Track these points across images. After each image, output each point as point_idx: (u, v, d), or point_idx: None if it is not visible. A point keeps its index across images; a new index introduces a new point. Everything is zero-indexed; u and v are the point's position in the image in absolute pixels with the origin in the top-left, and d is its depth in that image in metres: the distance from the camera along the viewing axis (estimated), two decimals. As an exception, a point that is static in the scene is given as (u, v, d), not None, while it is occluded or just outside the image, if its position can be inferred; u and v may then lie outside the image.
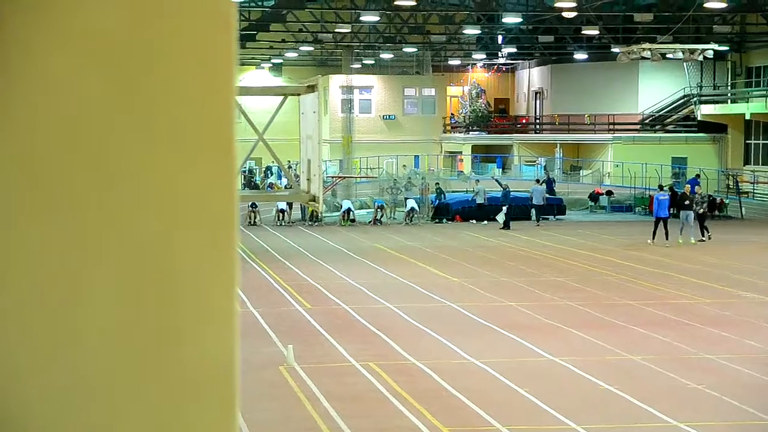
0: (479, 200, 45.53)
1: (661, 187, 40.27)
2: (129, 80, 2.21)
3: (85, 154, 2.21)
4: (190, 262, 2.29)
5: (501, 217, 42.30)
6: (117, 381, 2.29)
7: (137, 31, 2.21)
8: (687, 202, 36.82)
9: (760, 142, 61.10)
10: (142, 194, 2.25)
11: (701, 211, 37.73)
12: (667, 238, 35.71)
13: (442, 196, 46.95)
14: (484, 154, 70.23)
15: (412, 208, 44.25)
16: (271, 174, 61.45)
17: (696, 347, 19.78)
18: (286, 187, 39.07)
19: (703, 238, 37.20)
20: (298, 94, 12.23)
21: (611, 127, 64.94)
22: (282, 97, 12.32)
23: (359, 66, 69.62)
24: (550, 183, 51.84)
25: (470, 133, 73.14)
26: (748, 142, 62.07)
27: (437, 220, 45.74)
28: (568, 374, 17.70)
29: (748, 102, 60.57)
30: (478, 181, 49.09)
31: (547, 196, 47.26)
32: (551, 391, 16.46)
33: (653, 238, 36.14)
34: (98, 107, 2.21)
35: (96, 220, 2.23)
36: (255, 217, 43.61)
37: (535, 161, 66.59)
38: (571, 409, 15.34)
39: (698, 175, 52.20)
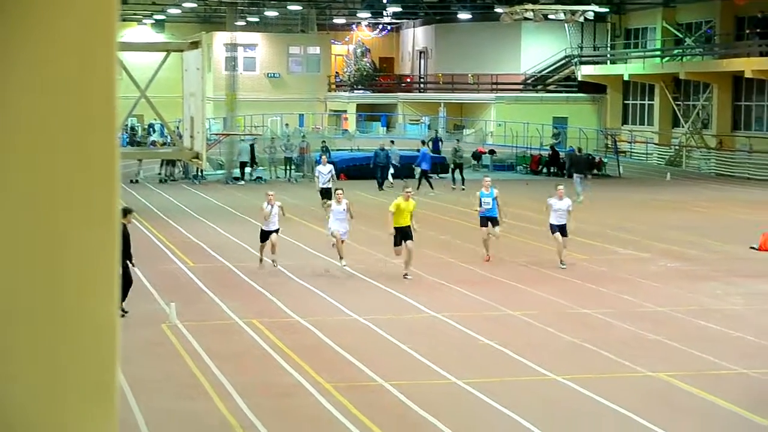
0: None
1: (423, 142, 45.27)
2: (6, 34, 2.21)
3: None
4: (70, 218, 2.31)
5: (389, 177, 42.66)
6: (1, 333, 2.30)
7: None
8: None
9: (638, 102, 62.36)
10: (18, 148, 2.25)
11: (458, 162, 43.20)
12: (431, 188, 40.23)
13: (328, 154, 46.90)
14: (368, 113, 70.34)
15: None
16: (154, 131, 60.65)
17: (574, 302, 20.24)
18: (168, 144, 38.68)
19: (454, 186, 42.01)
20: (181, 51, 12.11)
21: (494, 86, 65.59)
22: (165, 53, 12.19)
23: (244, 23, 68.93)
24: (436, 142, 52.16)
25: (355, 91, 73.15)
26: (626, 102, 63.30)
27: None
28: (449, 329, 17.97)
29: (626, 63, 61.72)
30: (393, 141, 48.76)
31: (432, 154, 47.58)
32: (432, 347, 16.71)
33: (417, 188, 39.15)
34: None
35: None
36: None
37: (419, 120, 66.93)
38: (452, 364, 15.58)
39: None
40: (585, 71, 63.73)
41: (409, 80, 75.74)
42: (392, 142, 47.92)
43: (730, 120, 54.59)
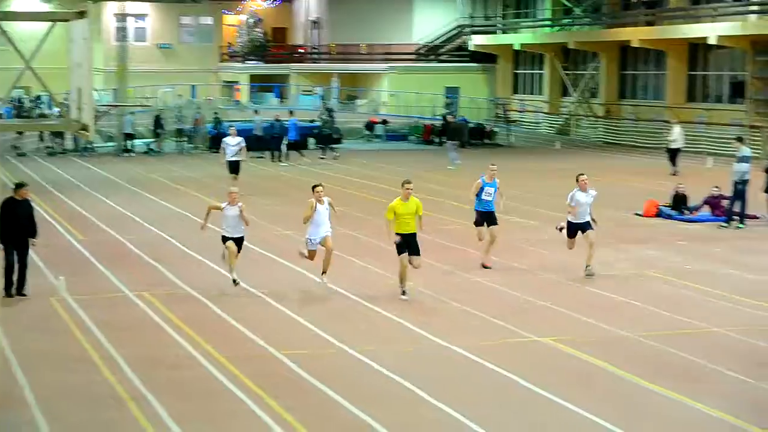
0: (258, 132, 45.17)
1: (291, 113, 44.92)
2: None
3: None
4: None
5: (283, 149, 42.41)
6: None
7: None
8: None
9: (528, 72, 63.07)
10: None
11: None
12: (302, 155, 42.55)
13: (220, 125, 46.58)
14: (261, 84, 69.97)
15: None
16: (42, 103, 59.57)
17: (465, 271, 20.50)
18: (56, 116, 38.03)
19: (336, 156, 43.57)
20: (67, 20, 11.94)
21: (387, 56, 65.73)
22: (50, 23, 12.01)
23: (134, -8, 68.02)
24: (330, 113, 52.05)
25: (247, 62, 72.68)
26: (516, 72, 63.97)
27: (215, 150, 45.34)
28: (345, 301, 18.06)
29: (517, 33, 62.33)
30: (257, 111, 48.59)
31: (301, 125, 47.50)
32: (328, 318, 16.78)
33: (287, 159, 41.47)
34: None
35: None
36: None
37: (312, 91, 66.80)
38: (347, 334, 15.67)
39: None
40: (476, 41, 64.24)
41: (302, 51, 75.47)
42: (256, 112, 47.77)
43: (617, 89, 55.56)
